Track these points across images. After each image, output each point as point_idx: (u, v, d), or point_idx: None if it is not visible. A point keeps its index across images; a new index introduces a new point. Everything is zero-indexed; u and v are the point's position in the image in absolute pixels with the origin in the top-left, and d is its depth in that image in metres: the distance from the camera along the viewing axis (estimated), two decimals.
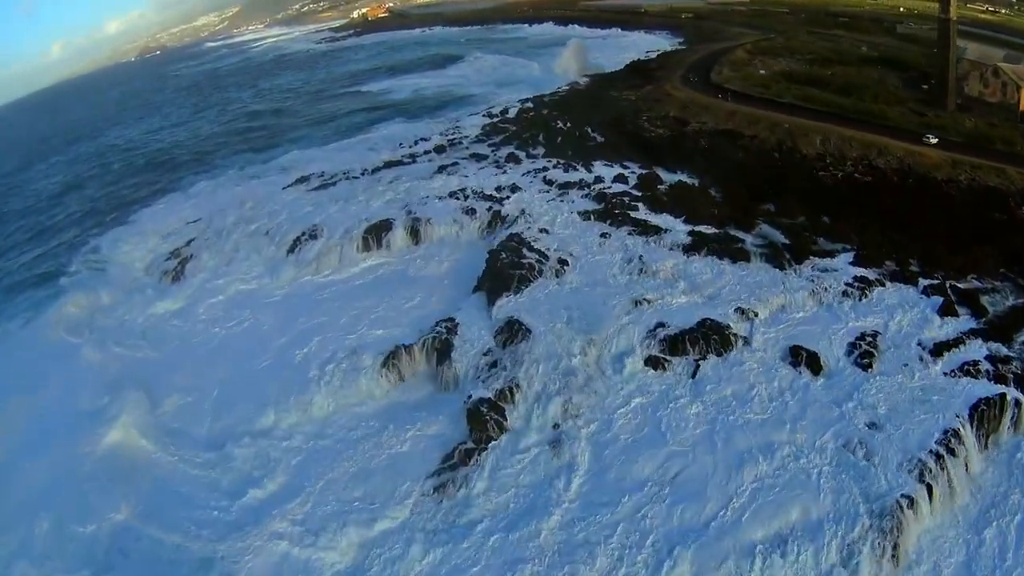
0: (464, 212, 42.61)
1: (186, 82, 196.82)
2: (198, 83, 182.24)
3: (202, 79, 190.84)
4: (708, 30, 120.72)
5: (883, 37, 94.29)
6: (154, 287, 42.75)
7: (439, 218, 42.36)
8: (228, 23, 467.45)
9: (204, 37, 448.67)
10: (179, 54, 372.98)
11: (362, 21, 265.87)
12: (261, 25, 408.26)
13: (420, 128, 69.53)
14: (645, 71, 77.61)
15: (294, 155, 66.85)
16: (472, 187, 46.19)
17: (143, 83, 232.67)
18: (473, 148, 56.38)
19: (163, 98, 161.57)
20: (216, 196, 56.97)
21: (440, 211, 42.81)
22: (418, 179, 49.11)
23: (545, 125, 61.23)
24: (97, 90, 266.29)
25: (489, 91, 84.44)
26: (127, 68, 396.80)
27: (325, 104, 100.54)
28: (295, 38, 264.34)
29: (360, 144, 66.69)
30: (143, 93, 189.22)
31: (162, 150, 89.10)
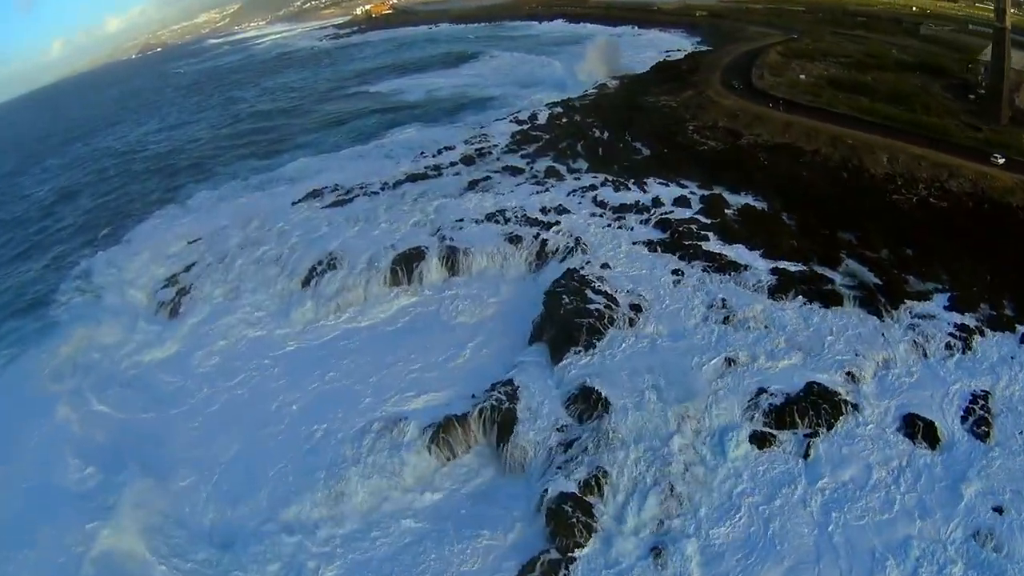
0: (507, 240, 35.96)
1: (187, 80, 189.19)
2: (199, 81, 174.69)
3: (203, 77, 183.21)
4: (726, 29, 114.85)
5: (907, 39, 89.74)
6: (147, 324, 36.11)
7: (479, 247, 35.73)
8: (229, 20, 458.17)
9: (205, 34, 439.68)
10: (180, 51, 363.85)
11: (366, 18, 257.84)
12: (262, 22, 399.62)
13: (439, 134, 62.80)
14: (676, 73, 70.94)
15: (303, 163, 60.16)
16: (512, 208, 39.42)
17: (143, 81, 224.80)
18: (505, 159, 49.54)
19: (163, 97, 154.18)
20: (218, 210, 50.29)
21: (479, 238, 36.17)
22: (447, 196, 42.44)
23: (582, 133, 54.48)
24: (97, 88, 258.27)
25: (510, 92, 77.59)
26: (127, 66, 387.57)
27: (333, 105, 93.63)
28: (298, 35, 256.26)
29: (375, 151, 59.99)
30: (143, 92, 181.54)
31: (160, 155, 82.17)
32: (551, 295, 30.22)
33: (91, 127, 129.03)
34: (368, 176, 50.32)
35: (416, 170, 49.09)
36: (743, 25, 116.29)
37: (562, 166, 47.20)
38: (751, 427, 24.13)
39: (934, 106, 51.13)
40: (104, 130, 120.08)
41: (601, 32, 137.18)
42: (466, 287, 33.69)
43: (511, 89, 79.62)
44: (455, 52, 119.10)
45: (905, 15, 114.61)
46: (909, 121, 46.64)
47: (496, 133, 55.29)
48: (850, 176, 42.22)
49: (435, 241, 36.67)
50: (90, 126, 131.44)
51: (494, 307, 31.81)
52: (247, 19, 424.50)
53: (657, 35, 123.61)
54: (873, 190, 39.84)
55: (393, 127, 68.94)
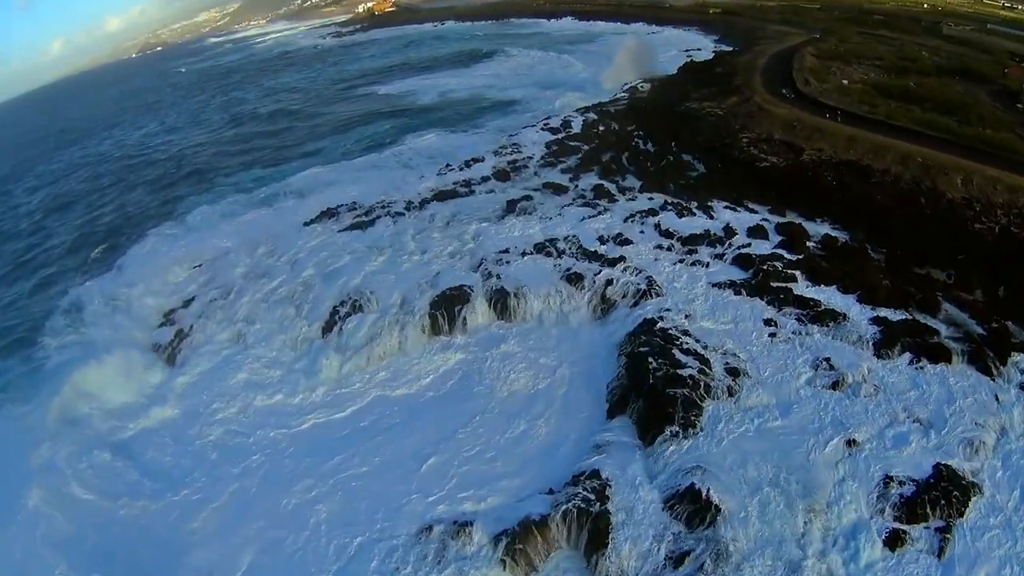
0: (566, 279, 29.98)
1: (187, 80, 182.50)
2: (199, 81, 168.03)
3: (204, 77, 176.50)
4: (743, 27, 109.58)
5: (930, 39, 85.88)
6: (142, 372, 30.11)
7: (533, 287, 29.69)
8: (229, 19, 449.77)
9: (205, 33, 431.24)
10: (180, 50, 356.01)
11: (368, 15, 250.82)
12: (263, 20, 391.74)
13: (462, 142, 56.83)
14: (712, 76, 64.89)
15: (312, 174, 53.95)
16: (564, 236, 33.46)
17: (143, 81, 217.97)
18: (545, 175, 43.46)
19: (162, 98, 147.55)
20: (220, 230, 44.19)
21: (531, 275, 30.14)
22: (485, 220, 36.45)
23: (624, 144, 48.43)
24: (96, 88, 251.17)
25: (532, 95, 71.45)
26: (127, 65, 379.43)
27: (340, 107, 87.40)
28: (299, 34, 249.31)
29: (392, 161, 53.94)
30: (142, 92, 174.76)
31: (158, 161, 75.88)
32: (632, 356, 24.42)
33: (88, 129, 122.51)
34: (388, 192, 44.32)
35: (443, 186, 42.94)
36: (760, 23, 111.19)
37: (611, 184, 41.15)
38: (882, 523, 19.14)
39: (988, 117, 46.32)
40: (101, 132, 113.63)
41: (613, 30, 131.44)
42: (521, 338, 27.67)
43: (532, 91, 73.45)
44: (466, 51, 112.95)
45: (919, 13, 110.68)
46: (976, 137, 41.38)
47: (528, 142, 49.09)
48: (927, 201, 36.66)
49: (479, 278, 30.62)
50: (87, 128, 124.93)
51: (558, 365, 25.82)
52: (247, 18, 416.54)
53: (674, 33, 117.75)
54: (953, 218, 34.37)
55: (408, 133, 62.79)
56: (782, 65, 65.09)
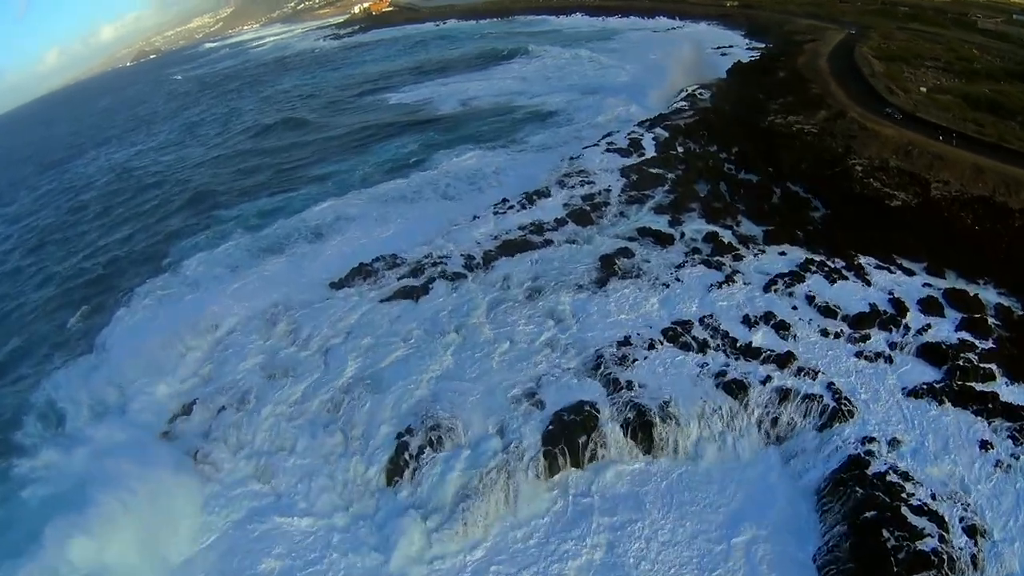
0: (723, 388, 20.84)
1: (182, 88, 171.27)
2: (193, 90, 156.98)
3: (199, 85, 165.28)
4: (769, 21, 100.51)
5: (968, 33, 77.73)
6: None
7: (684, 403, 20.40)
8: (223, 24, 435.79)
9: (199, 39, 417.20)
10: (175, 57, 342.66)
11: (365, 16, 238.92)
12: (256, 24, 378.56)
13: (505, 162, 47.11)
14: (778, 82, 55.14)
15: (329, 208, 43.93)
16: (699, 318, 24.44)
17: (136, 90, 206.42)
18: (635, 216, 33.86)
19: (155, 109, 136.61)
20: (224, 288, 34.41)
21: (674, 383, 21.04)
22: (579, 287, 26.91)
23: (716, 171, 38.77)
24: (89, 99, 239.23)
25: (572, 103, 61.47)
26: (121, 74, 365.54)
27: (349, 118, 77.21)
28: (296, 37, 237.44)
29: (427, 190, 44.08)
30: (135, 103, 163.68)
31: (148, 186, 65.58)
32: (857, 526, 16.02)
33: (77, 146, 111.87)
34: (431, 236, 34.58)
35: (507, 231, 33.00)
36: (785, 17, 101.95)
37: (724, 230, 31.65)
38: None
39: None
40: (90, 151, 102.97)
41: (631, 26, 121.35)
42: (673, 487, 18.27)
43: (570, 98, 63.43)
44: (480, 51, 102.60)
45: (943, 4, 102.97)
46: None
47: (596, 168, 39.07)
48: None
49: (600, 389, 21.10)
50: (76, 145, 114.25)
51: (731, 530, 16.81)
52: (241, 22, 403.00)
53: (697, 29, 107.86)
54: None
55: (437, 151, 52.82)
56: (847, 67, 55.69)
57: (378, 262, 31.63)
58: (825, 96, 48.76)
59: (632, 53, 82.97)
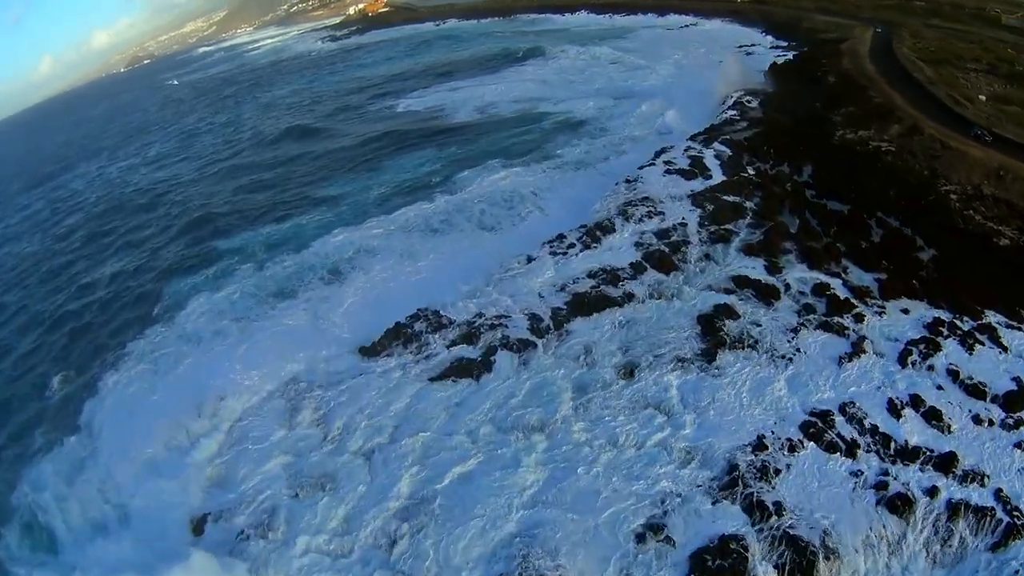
0: (883, 503, 15.87)
1: (176, 94, 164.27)
2: (188, 97, 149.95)
3: (193, 92, 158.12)
4: (785, 18, 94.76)
5: (995, 30, 72.61)
6: None
7: (843, 527, 14.87)
8: (216, 28, 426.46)
9: (193, 43, 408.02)
10: (169, 62, 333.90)
11: (361, 17, 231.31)
12: (250, 28, 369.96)
13: (545, 183, 40.88)
14: (831, 89, 48.87)
15: (345, 239, 37.68)
16: (839, 406, 19.19)
17: (130, 98, 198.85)
18: (725, 260, 27.74)
19: (147, 118, 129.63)
20: (228, 347, 28.13)
21: (827, 501, 16.04)
22: (682, 363, 21.21)
23: (798, 199, 32.65)
24: (81, 108, 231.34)
25: (604, 110, 55.22)
26: (115, 81, 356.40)
27: (355, 128, 70.78)
28: (291, 39, 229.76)
29: (458, 217, 37.82)
30: (128, 111, 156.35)
31: (138, 210, 59.07)
32: None
33: (67, 161, 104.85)
34: (477, 282, 28.46)
35: (573, 279, 26.67)
36: (799, 12, 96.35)
37: (832, 278, 25.94)
38: None
39: None
40: (80, 164, 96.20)
41: (643, 24, 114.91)
42: None
43: (601, 104, 57.18)
44: (489, 53, 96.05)
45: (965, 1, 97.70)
46: None
47: (661, 194, 32.73)
48: None
49: (741, 515, 15.31)
50: (66, 158, 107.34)
51: None
52: (234, 26, 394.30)
53: (714, 27, 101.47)
54: None
55: (462, 169, 46.55)
56: (896, 71, 49.82)
57: (419, 321, 25.45)
58: (890, 106, 42.73)
59: (652, 53, 76.70)
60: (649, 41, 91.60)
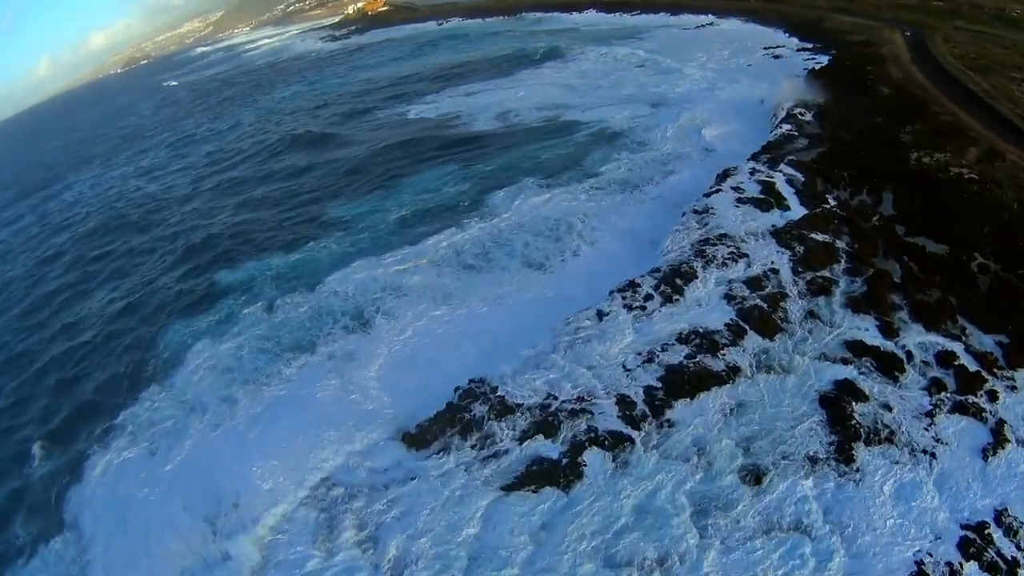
0: None
1: (173, 96, 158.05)
2: (185, 99, 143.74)
3: (191, 94, 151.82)
4: (803, 17, 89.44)
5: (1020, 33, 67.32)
6: None
7: None
8: (213, 28, 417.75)
9: (190, 44, 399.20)
10: (166, 63, 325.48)
11: (360, 16, 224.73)
12: (246, 28, 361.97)
13: (589, 207, 35.55)
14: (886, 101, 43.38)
15: (367, 275, 32.25)
16: (992, 514, 15.54)
17: (126, 100, 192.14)
18: (830, 319, 22.52)
19: (142, 124, 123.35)
20: (240, 433, 22.60)
21: None
22: (815, 464, 16.69)
23: (891, 239, 27.04)
24: (77, 111, 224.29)
25: (640, 120, 49.75)
26: (111, 83, 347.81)
27: (365, 137, 65.26)
28: (289, 39, 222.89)
29: (499, 252, 32.32)
30: (123, 114, 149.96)
31: (131, 229, 53.40)
32: None
33: (56, 169, 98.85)
34: (538, 344, 23.03)
35: (659, 343, 21.17)
36: (816, 11, 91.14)
37: (953, 342, 21.44)
38: None
39: None
40: (71, 174, 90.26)
41: (658, 23, 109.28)
42: None
43: (635, 113, 51.81)
44: (501, 54, 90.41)
45: None
46: None
47: (740, 232, 26.96)
48: None
49: None
50: (58, 167, 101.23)
51: None
52: (231, 26, 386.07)
53: (732, 26, 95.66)
54: None
55: (492, 189, 41.17)
56: (947, 81, 44.80)
57: (476, 402, 20.10)
58: (959, 125, 37.51)
59: (675, 55, 71.28)
60: (667, 41, 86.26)
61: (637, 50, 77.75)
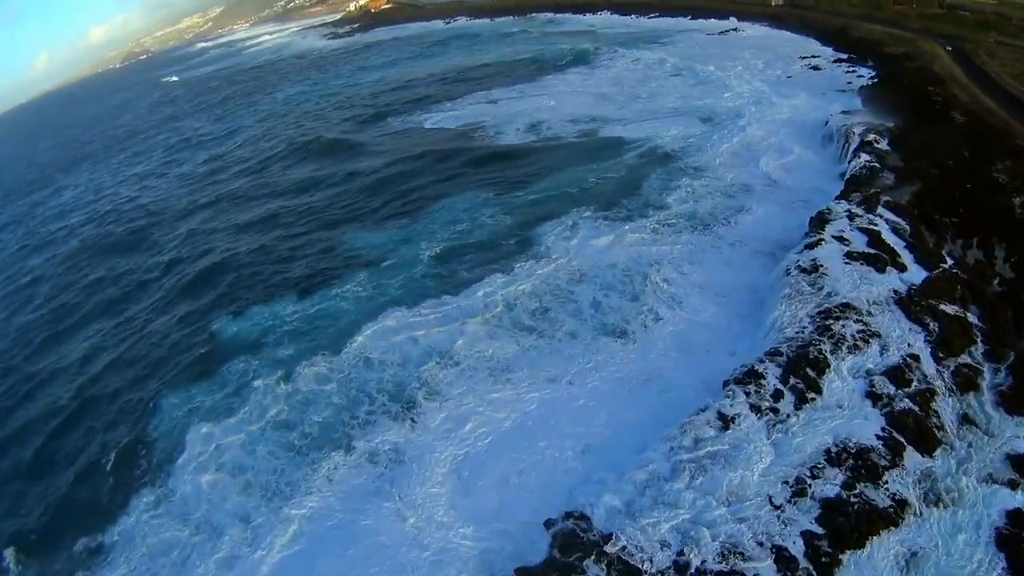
0: None
1: (171, 94, 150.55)
2: (182, 96, 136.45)
3: (188, 92, 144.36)
4: (825, 24, 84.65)
5: None
6: None
7: None
8: (213, 24, 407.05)
9: (189, 39, 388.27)
10: (165, 59, 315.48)
11: (362, 14, 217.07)
12: (246, 24, 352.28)
13: (657, 249, 29.42)
14: (966, 131, 37.35)
15: (405, 336, 26.09)
16: None
17: (122, 97, 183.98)
18: (985, 423, 17.03)
19: (137, 125, 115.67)
20: None
21: None
22: None
23: None
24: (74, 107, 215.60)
25: (692, 139, 43.37)
26: (109, 79, 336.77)
27: (378, 145, 58.80)
28: (290, 36, 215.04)
29: (561, 310, 26.03)
30: (117, 114, 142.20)
31: (118, 253, 46.64)
32: None
33: (45, 171, 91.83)
34: (648, 461, 17.05)
35: (804, 466, 14.91)
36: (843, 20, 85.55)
37: None
38: None
39: None
40: (57, 178, 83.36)
41: (679, 27, 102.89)
42: None
43: (685, 130, 45.54)
44: (519, 57, 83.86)
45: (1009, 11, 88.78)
46: None
47: (862, 300, 20.83)
48: None
49: None
50: (44, 170, 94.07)
51: None
52: (231, 22, 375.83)
53: (760, 33, 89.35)
54: None
55: (536, 217, 34.99)
56: (1012, 103, 39.44)
57: (583, 555, 14.01)
58: None
59: (708, 61, 65.19)
60: (692, 47, 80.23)
61: (666, 56, 71.43)
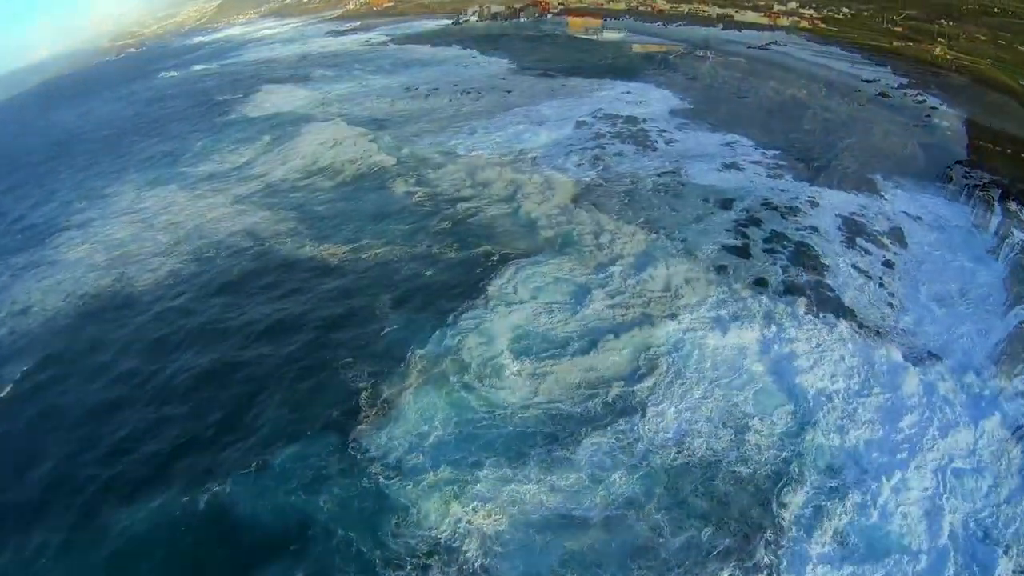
0: None
1: (162, 90, 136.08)
2: (173, 95, 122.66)
3: (186, 92, 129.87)
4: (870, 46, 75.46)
5: None
6: None
7: None
8: (209, 18, 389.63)
9: (186, 32, 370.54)
10: (160, 52, 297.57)
11: (364, 10, 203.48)
12: (244, 18, 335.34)
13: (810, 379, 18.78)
14: None
15: None
16: None
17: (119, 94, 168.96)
18: None
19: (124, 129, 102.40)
20: None
21: None
22: None
23: None
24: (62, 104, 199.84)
25: (776, 191, 32.62)
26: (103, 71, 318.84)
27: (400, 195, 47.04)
28: (290, 31, 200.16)
29: None
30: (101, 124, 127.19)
31: (72, 332, 35.07)
32: None
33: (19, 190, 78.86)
34: None
35: None
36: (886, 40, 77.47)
37: None
38: None
39: None
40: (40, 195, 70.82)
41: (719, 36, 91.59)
42: None
43: (755, 180, 34.54)
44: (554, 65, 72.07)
45: None
46: None
47: None
48: None
49: None
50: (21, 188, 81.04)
51: None
52: (228, 15, 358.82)
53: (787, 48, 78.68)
54: None
55: (606, 337, 24.16)
56: None
57: None
58: None
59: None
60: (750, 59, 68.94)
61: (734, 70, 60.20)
